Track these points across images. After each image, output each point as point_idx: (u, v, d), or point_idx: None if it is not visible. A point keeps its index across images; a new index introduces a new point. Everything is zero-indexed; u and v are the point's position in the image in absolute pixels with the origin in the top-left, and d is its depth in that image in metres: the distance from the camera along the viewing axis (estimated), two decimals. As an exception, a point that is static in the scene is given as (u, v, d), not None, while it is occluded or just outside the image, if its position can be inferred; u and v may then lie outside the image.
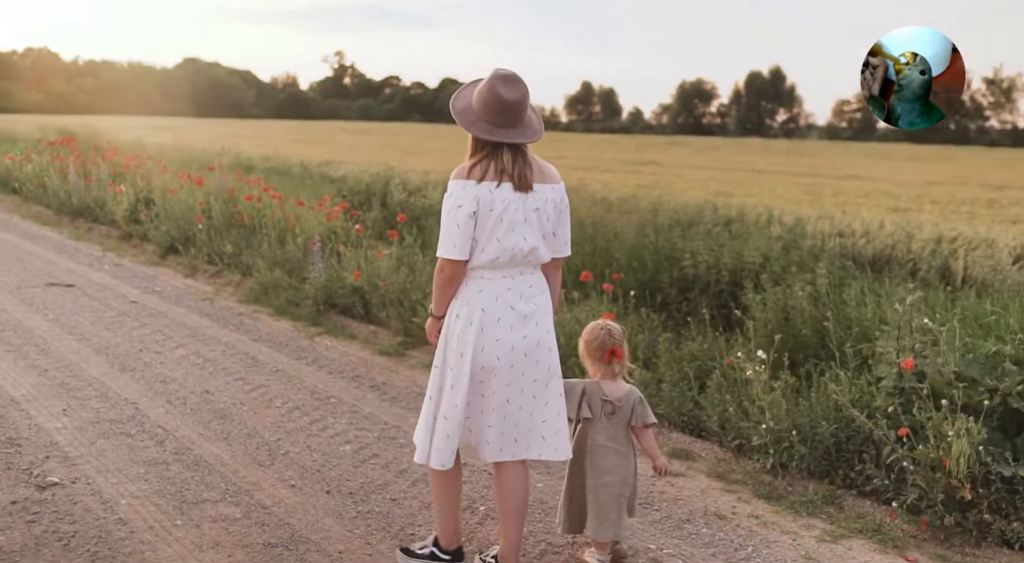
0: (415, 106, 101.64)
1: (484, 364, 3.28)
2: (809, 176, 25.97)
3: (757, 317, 5.78)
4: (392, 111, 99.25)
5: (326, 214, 9.85)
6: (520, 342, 3.30)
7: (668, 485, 4.56)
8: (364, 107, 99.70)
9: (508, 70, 3.25)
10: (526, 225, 3.22)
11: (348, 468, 4.56)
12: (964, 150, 53.71)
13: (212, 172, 12.06)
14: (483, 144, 3.22)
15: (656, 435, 5.26)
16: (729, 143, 59.03)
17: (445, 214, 3.20)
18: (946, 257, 8.29)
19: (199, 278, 9.49)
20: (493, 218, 3.16)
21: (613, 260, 7.37)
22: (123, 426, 5.00)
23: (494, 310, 3.27)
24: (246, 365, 6.33)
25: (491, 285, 3.27)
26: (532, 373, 3.34)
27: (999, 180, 26.55)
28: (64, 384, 5.69)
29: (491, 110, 3.17)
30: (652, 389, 5.56)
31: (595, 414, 3.59)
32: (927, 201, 17.50)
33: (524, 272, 3.32)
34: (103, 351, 6.50)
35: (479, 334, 3.26)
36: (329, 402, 5.60)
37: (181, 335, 7.06)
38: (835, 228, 9.62)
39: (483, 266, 3.25)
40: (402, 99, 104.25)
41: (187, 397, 5.55)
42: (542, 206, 3.25)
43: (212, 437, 4.90)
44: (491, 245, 3.20)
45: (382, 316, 7.56)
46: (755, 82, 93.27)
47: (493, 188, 3.16)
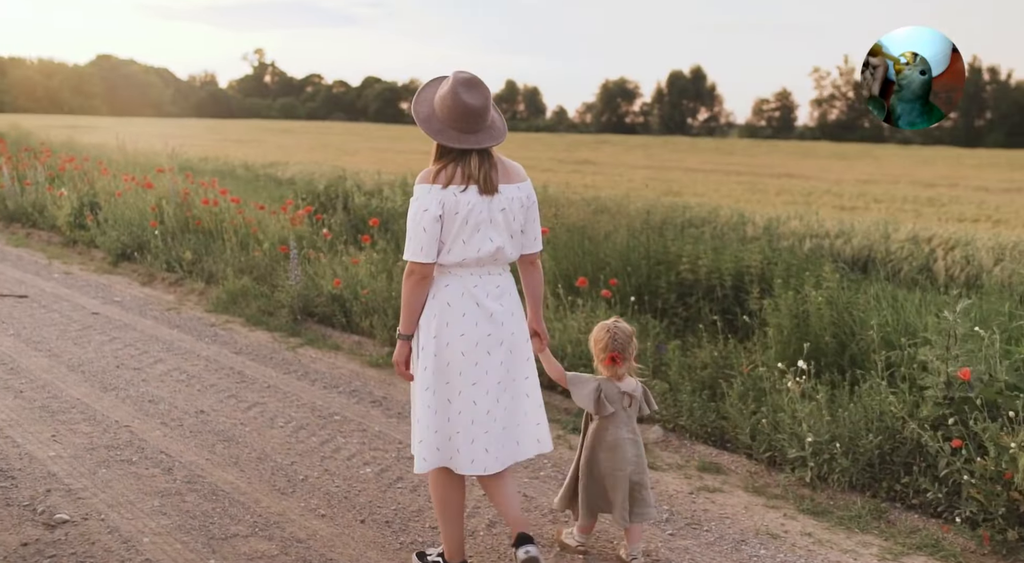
0: (338, 105, 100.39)
1: (449, 360, 3.27)
2: (747, 175, 26.24)
3: (772, 323, 5.66)
4: (315, 110, 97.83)
5: (290, 218, 9.48)
6: (484, 340, 3.30)
7: (708, 502, 4.40)
8: (286, 106, 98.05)
9: (468, 74, 3.26)
10: (491, 226, 3.25)
11: (375, 493, 4.29)
12: (882, 148, 54.99)
13: (161, 175, 11.54)
14: (448, 149, 3.24)
15: (679, 446, 5.16)
16: (657, 141, 59.53)
17: (411, 218, 3.22)
18: (926, 257, 8.33)
19: (158, 287, 9.05)
20: (459, 221, 3.19)
21: (604, 264, 7.20)
22: (122, 453, 4.64)
23: (460, 305, 3.28)
24: (234, 381, 5.98)
25: (457, 281, 3.29)
26: (497, 374, 3.34)
27: (926, 178, 27.21)
28: (45, 406, 5.29)
29: (455, 116, 3.19)
30: (668, 399, 5.40)
31: (617, 408, 3.67)
32: (870, 200, 17.76)
33: (492, 272, 3.34)
34: (78, 368, 6.08)
35: (443, 328, 3.26)
36: (333, 420, 5.31)
37: (156, 349, 6.67)
38: (808, 229, 9.63)
39: (453, 265, 3.27)
40: (324, 98, 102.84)
41: (182, 418, 5.21)
42: (508, 206, 3.28)
43: (221, 462, 4.58)
44: (456, 247, 3.23)
45: (364, 325, 7.27)
46: (677, 81, 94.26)
47: (458, 192, 3.19)
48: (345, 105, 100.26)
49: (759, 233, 9.42)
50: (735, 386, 5.22)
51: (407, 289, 3.28)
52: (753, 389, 5.27)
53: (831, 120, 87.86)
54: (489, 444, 3.33)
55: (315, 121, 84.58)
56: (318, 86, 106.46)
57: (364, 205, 10.28)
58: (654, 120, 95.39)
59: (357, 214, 10.05)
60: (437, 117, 3.24)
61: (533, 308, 3.58)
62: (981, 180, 26.78)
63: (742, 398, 5.15)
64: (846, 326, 5.49)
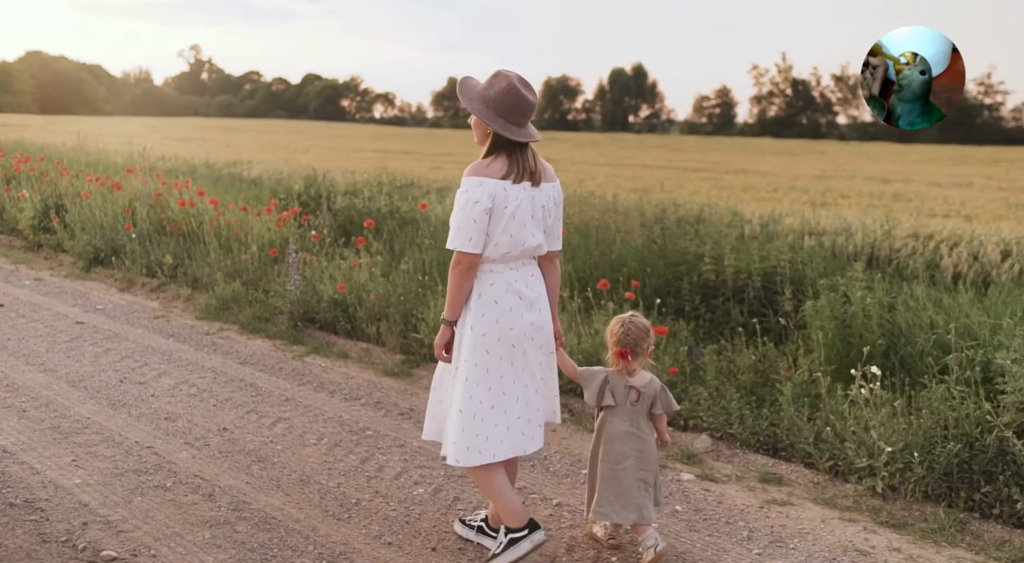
0: (278, 102, 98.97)
1: (502, 354, 3.39)
2: (704, 171, 26.28)
3: (814, 325, 5.49)
4: (254, 108, 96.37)
5: (278, 220, 9.11)
6: (528, 328, 3.44)
7: (782, 516, 4.20)
8: (224, 103, 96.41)
9: (517, 73, 3.40)
10: (533, 222, 3.38)
11: (436, 517, 4.01)
12: (824, 144, 55.84)
13: (129, 175, 11.05)
14: (502, 143, 3.33)
15: (730, 456, 4.96)
16: (604, 138, 59.61)
17: (460, 209, 3.29)
18: (931, 254, 8.25)
19: (138, 293, 8.61)
20: (507, 215, 3.29)
21: (619, 265, 6.98)
22: (153, 477, 4.29)
23: (506, 300, 3.39)
24: (249, 394, 5.64)
25: (501, 277, 3.40)
26: (537, 356, 3.50)
27: (878, 173, 27.55)
28: (55, 427, 4.90)
29: (515, 111, 3.31)
30: (712, 406, 5.19)
31: (618, 401, 3.68)
32: (836, 195, 17.84)
33: (526, 263, 3.48)
34: (79, 384, 5.69)
35: (493, 325, 3.37)
36: (367, 435, 5.01)
37: (156, 360, 6.29)
38: (805, 226, 9.52)
39: (493, 260, 3.37)
40: (264, 95, 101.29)
41: (206, 437, 4.86)
42: (546, 203, 3.43)
43: (262, 486, 4.26)
44: (504, 240, 3.32)
45: (370, 332, 6.96)
46: (618, 79, 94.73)
47: (508, 186, 3.29)
48: (285, 103, 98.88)
49: (756, 231, 9.27)
50: (785, 392, 5.04)
51: (454, 278, 3.35)
52: (803, 395, 5.11)
53: (770, 116, 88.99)
54: (524, 427, 3.48)
55: (255, 119, 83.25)
56: (257, 83, 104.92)
57: (350, 206, 9.92)
58: (596, 117, 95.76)
59: (344, 215, 9.70)
60: (494, 111, 3.32)
61: (551, 305, 3.66)
62: (930, 175, 27.18)
63: (792, 404, 4.98)
64: (895, 328, 5.34)
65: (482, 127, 3.39)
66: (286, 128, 61.14)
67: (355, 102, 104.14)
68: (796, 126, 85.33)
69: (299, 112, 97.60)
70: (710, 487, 4.51)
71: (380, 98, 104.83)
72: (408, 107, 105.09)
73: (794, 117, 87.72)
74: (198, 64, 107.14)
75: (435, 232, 8.46)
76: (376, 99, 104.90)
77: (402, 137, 52.74)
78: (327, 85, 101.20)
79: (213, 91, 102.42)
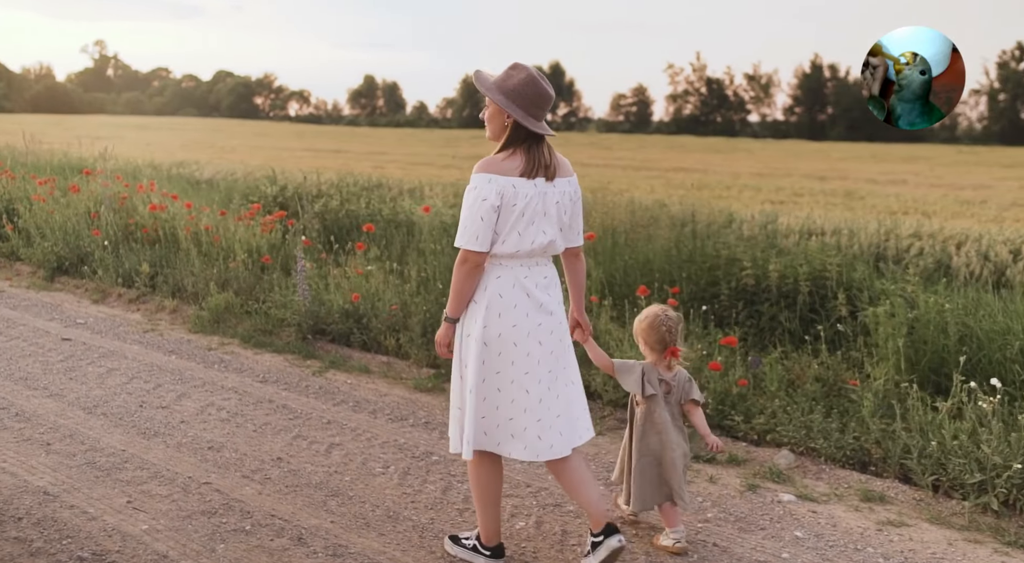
0: (189, 100, 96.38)
1: (501, 349, 3.28)
2: (644, 169, 26.29)
3: (883, 333, 5.29)
4: (163, 105, 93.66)
5: (262, 224, 8.59)
6: (535, 329, 3.31)
7: (903, 539, 3.96)
8: (131, 101, 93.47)
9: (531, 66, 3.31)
10: (545, 219, 3.27)
11: (553, 554, 3.66)
12: (743, 142, 56.76)
13: (87, 178, 10.36)
14: (520, 137, 3.23)
15: (817, 472, 4.72)
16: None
17: (468, 206, 3.22)
18: (940, 254, 8.18)
19: (115, 305, 8.01)
20: (515, 213, 3.20)
21: (648, 269, 6.72)
22: (226, 519, 3.84)
23: (511, 296, 3.29)
24: (285, 417, 5.20)
25: (508, 272, 3.30)
26: (547, 363, 3.35)
27: (812, 170, 27.99)
28: (92, 463, 4.39)
29: (536, 103, 3.22)
30: (791, 419, 4.95)
31: (658, 391, 3.73)
32: (790, 194, 17.93)
33: (540, 263, 3.37)
34: (95, 411, 5.16)
35: (495, 319, 3.27)
36: (434, 461, 4.62)
37: (168, 381, 5.78)
38: (804, 226, 9.40)
39: (503, 255, 3.28)
40: (173, 92, 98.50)
41: (263, 469, 4.42)
42: (561, 199, 3.31)
43: (350, 524, 3.85)
44: (511, 238, 3.24)
45: (388, 343, 6.54)
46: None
47: (518, 182, 3.19)
48: (196, 100, 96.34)
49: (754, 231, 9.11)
50: (866, 404, 4.83)
51: (459, 276, 3.28)
52: (883, 405, 4.91)
53: (686, 115, 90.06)
54: (542, 432, 3.33)
55: (166, 117, 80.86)
56: (166, 80, 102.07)
57: (337, 209, 9.45)
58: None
59: (331, 219, 9.22)
60: (513, 102, 3.22)
61: (577, 300, 3.63)
62: (861, 173, 27.69)
63: (875, 416, 4.77)
64: (970, 334, 5.17)
65: (499, 120, 3.28)
66: (201, 126, 59.51)
67: (269, 100, 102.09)
68: (711, 124, 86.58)
69: (211, 110, 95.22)
70: (815, 508, 4.25)
71: (295, 96, 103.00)
72: (324, 105, 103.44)
73: (709, 115, 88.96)
74: (103, 60, 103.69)
75: (439, 236, 8.07)
76: (291, 97, 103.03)
77: (324, 135, 51.79)
78: (240, 82, 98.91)
79: (119, 88, 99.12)
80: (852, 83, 79.84)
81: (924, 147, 53.49)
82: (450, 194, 11.63)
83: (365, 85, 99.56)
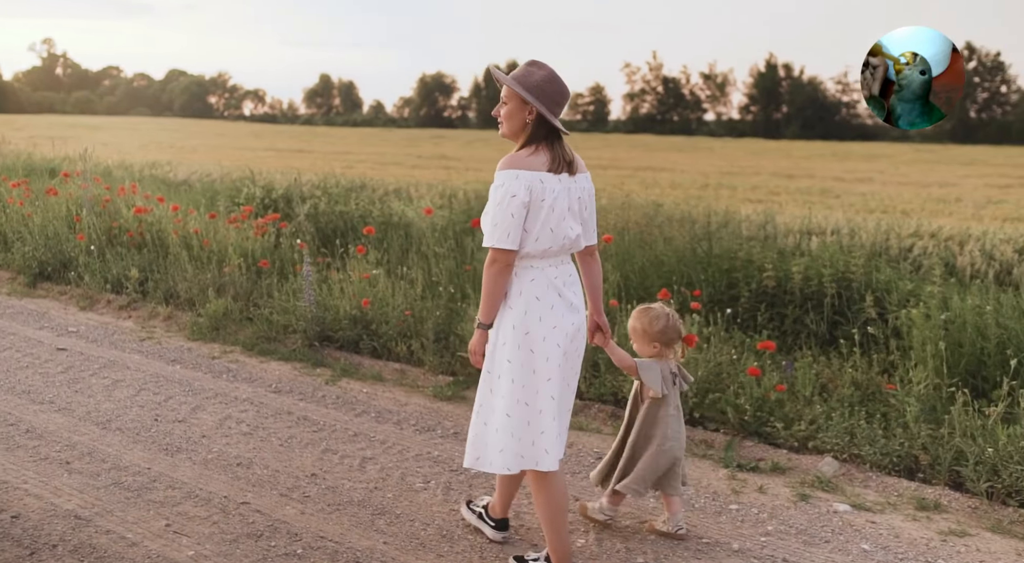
0: (140, 99, 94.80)
1: (546, 353, 3.21)
2: (613, 168, 26.22)
3: (919, 337, 5.21)
4: (115, 104, 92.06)
5: (256, 227, 8.33)
6: (570, 328, 3.29)
7: (970, 550, 3.86)
8: (81, 100, 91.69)
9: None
10: (571, 214, 3.23)
11: (622, 572, 3.52)
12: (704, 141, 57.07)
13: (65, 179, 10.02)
14: (542, 133, 3.20)
15: (864, 480, 4.61)
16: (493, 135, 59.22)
17: (497, 204, 3.15)
18: (944, 253, 8.15)
19: (105, 312, 7.71)
20: (545, 208, 3.15)
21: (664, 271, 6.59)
22: (275, 543, 3.63)
23: (547, 298, 3.25)
24: (308, 429, 4.99)
25: (541, 273, 3.25)
26: (574, 362, 3.36)
27: (779, 169, 28.16)
28: (119, 483, 4.15)
29: (556, 100, 3.20)
30: (834, 425, 4.84)
31: (668, 387, 3.79)
32: (766, 192, 17.97)
33: (564, 261, 3.34)
34: (109, 426, 4.91)
35: (536, 323, 3.21)
36: (472, 475, 4.44)
37: (177, 392, 5.54)
38: (803, 226, 9.34)
39: (533, 255, 3.22)
40: (125, 91, 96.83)
41: (299, 486, 4.21)
42: (582, 195, 3.30)
43: (406, 546, 3.66)
44: (544, 234, 3.18)
45: (399, 350, 6.35)
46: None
47: (545, 177, 3.15)
48: (148, 99, 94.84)
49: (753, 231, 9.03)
50: (910, 409, 4.74)
51: (491, 277, 3.19)
52: (927, 411, 4.82)
53: (642, 114, 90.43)
54: (561, 433, 3.34)
55: (118, 117, 79.45)
56: (116, 79, 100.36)
57: (328, 211, 9.21)
58: (472, 114, 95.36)
59: (324, 221, 8.98)
60: (537, 98, 3.17)
61: (596, 301, 3.56)
62: (827, 171, 27.93)
63: (918, 421, 4.68)
64: (1011, 336, 5.11)
65: (520, 117, 3.21)
66: (157, 126, 58.51)
67: (223, 99, 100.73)
68: (668, 123, 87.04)
69: (163, 109, 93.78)
70: (873, 519, 4.14)
71: (250, 95, 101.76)
72: (279, 104, 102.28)
73: (665, 114, 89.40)
74: (51, 58, 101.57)
75: (441, 239, 7.89)
76: (245, 96, 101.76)
77: (284, 135, 51.17)
78: (193, 81, 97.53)
79: (69, 87, 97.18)
80: (806, 82, 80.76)
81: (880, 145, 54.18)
82: (436, 194, 11.42)
83: (321, 84, 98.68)
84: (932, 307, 5.27)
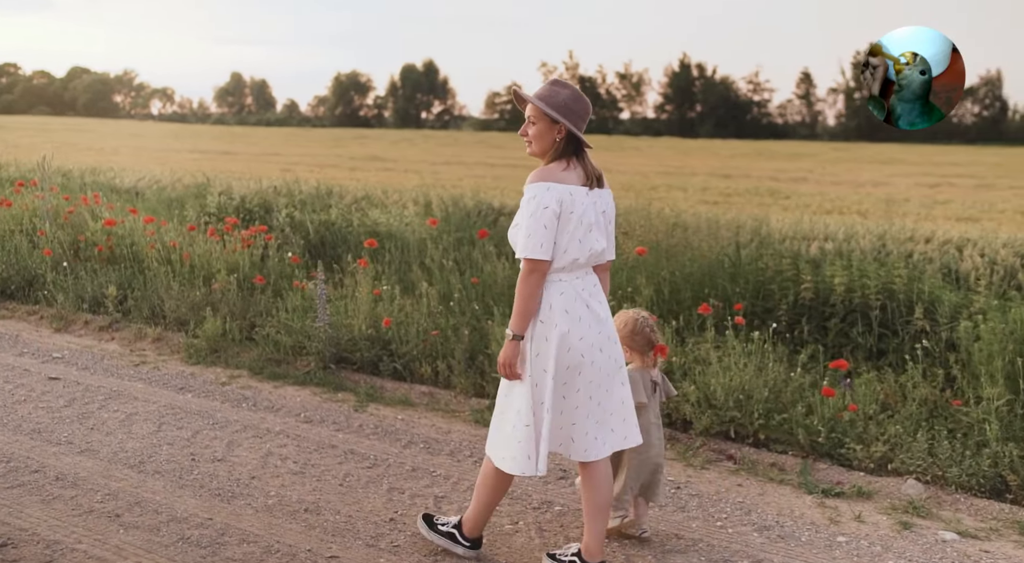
0: (41, 97, 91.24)
1: (570, 363, 3.30)
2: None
3: (984, 350, 5.09)
4: (13, 103, 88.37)
5: (242, 241, 7.86)
6: (597, 338, 3.35)
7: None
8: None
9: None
10: (597, 227, 3.33)
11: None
12: (626, 140, 57.35)
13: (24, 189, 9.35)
14: (570, 149, 3.31)
15: (953, 503, 4.46)
16: (418, 135, 58.59)
17: (530, 215, 3.23)
18: (946, 258, 8.12)
19: (83, 333, 7.16)
20: (574, 220, 3.25)
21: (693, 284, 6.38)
22: (386, 605, 3.29)
23: (575, 310, 3.32)
24: (363, 465, 4.63)
25: (569, 286, 3.33)
26: (607, 368, 3.40)
27: (712, 169, 28.36)
28: (185, 538, 3.73)
29: (582, 117, 3.32)
30: (912, 444, 4.68)
31: (648, 396, 3.84)
32: (717, 193, 17.98)
33: (588, 273, 3.42)
34: (144, 468, 4.46)
35: (566, 335, 3.28)
36: (557, 512, 4.15)
37: (204, 426, 5.10)
38: (796, 232, 9.24)
39: (561, 269, 3.31)
40: (24, 89, 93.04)
41: (383, 533, 3.85)
42: (607, 209, 3.39)
43: (527, 601, 3.35)
44: (573, 246, 3.28)
45: (424, 372, 6.00)
46: (410, 75, 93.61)
47: (575, 190, 3.26)
48: (49, 97, 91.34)
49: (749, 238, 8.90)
50: (992, 427, 4.61)
51: (527, 288, 3.27)
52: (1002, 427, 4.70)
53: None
54: (598, 432, 3.40)
55: (19, 116, 76.27)
56: (15, 76, 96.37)
57: (309, 220, 8.76)
58: (388, 114, 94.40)
59: (314, 233, 8.53)
60: (565, 117, 3.28)
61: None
62: (762, 171, 28.26)
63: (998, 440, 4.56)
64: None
65: (549, 137, 3.31)
66: (63, 125, 56.32)
67: (130, 97, 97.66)
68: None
69: (66, 108, 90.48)
70: (985, 547, 3.98)
71: (158, 93, 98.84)
72: (189, 103, 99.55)
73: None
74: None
75: (446, 252, 7.54)
76: (153, 94, 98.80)
77: (203, 135, 49.75)
78: (97, 79, 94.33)
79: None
80: (719, 82, 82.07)
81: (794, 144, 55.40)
82: (409, 201, 11.02)
83: (232, 82, 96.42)
84: (995, 320, 5.16)
